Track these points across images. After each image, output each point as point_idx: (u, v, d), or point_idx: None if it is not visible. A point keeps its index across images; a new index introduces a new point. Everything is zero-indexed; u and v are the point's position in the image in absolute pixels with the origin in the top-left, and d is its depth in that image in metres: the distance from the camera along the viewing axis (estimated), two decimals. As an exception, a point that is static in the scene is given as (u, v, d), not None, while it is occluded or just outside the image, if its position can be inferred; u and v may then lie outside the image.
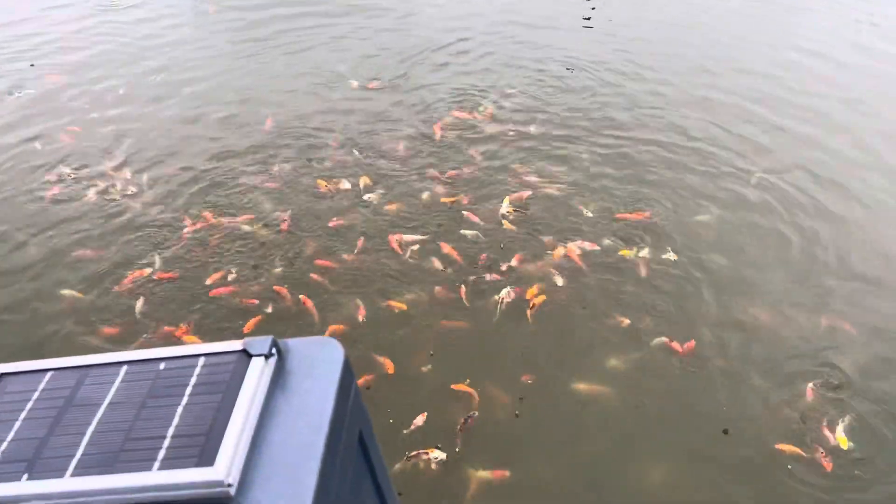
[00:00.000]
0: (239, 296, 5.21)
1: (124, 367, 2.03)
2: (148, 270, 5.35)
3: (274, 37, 9.91)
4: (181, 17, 10.77)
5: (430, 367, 4.72)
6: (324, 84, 8.43)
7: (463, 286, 5.30)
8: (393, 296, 5.22)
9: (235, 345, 2.04)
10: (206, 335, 4.91)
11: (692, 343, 4.77)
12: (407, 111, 7.77)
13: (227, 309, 5.15)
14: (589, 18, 10.63)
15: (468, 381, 4.57)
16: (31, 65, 8.86)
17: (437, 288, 5.26)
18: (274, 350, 2.01)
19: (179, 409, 1.87)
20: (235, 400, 1.86)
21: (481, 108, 7.70)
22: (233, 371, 1.96)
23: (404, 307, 5.14)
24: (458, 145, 7.11)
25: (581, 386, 4.57)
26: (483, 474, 4.00)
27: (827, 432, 4.17)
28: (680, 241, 5.79)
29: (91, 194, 6.31)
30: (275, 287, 5.20)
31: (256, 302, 5.13)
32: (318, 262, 5.53)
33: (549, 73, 8.74)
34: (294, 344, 2.09)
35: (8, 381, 2.04)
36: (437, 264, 5.49)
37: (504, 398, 4.49)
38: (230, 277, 5.32)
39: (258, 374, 1.93)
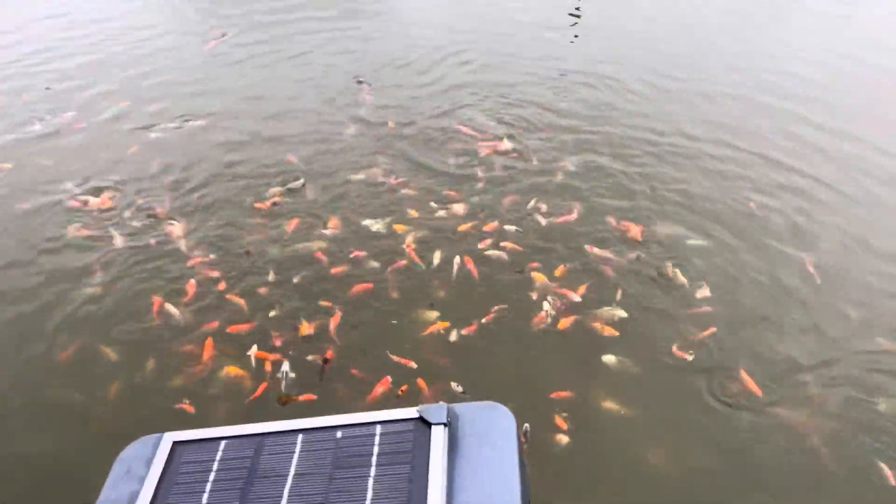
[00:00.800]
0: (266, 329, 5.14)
1: (300, 436, 2.06)
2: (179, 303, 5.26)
3: (294, 57, 9.80)
4: (192, 43, 10.56)
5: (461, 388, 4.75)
6: (344, 113, 8.33)
7: (494, 308, 5.32)
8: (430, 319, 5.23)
9: (410, 412, 2.08)
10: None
11: (745, 377, 4.87)
12: (425, 138, 7.73)
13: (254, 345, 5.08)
14: (576, 27, 10.80)
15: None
16: (47, 88, 8.64)
17: (467, 309, 5.29)
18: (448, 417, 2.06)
19: (370, 481, 1.91)
20: (427, 472, 1.90)
21: (497, 132, 7.75)
22: (414, 440, 2.00)
23: (444, 323, 5.14)
24: (471, 168, 7.13)
25: (610, 405, 4.62)
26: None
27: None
28: (714, 269, 5.88)
29: (118, 223, 6.19)
30: (303, 327, 5.14)
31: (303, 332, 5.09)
32: (357, 288, 5.53)
33: (561, 92, 8.82)
34: (463, 410, 2.14)
35: (183, 450, 2.05)
36: (470, 285, 5.51)
37: (553, 419, 4.52)
38: (273, 313, 5.26)
39: (441, 443, 1.97)
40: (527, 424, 4.37)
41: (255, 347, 4.84)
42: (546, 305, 5.30)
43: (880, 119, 8.47)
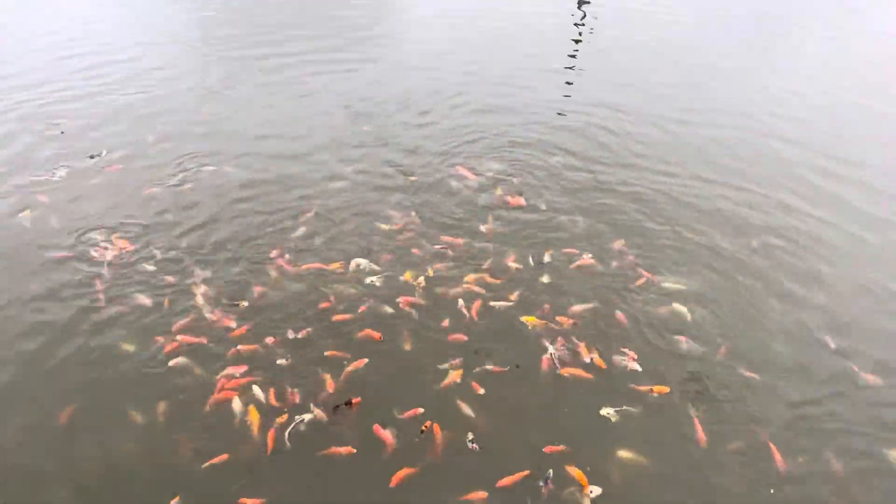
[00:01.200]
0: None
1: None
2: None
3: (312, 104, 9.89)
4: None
5: (474, 443, 4.72)
6: (349, 155, 8.39)
7: (503, 357, 5.33)
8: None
9: None
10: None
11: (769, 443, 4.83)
12: (431, 183, 7.73)
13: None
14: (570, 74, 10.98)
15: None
16: (62, 132, 8.71)
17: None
18: None
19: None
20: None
21: (503, 176, 7.80)
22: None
23: (458, 371, 5.15)
24: (478, 215, 7.11)
25: (626, 454, 4.60)
26: None
27: None
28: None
29: (136, 273, 6.20)
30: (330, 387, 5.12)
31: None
32: (368, 336, 5.53)
33: (568, 133, 8.81)
34: None
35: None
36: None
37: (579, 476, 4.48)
38: (281, 362, 5.27)
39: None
40: (550, 470, 4.37)
41: (257, 389, 4.94)
42: (550, 349, 5.34)
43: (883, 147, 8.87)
